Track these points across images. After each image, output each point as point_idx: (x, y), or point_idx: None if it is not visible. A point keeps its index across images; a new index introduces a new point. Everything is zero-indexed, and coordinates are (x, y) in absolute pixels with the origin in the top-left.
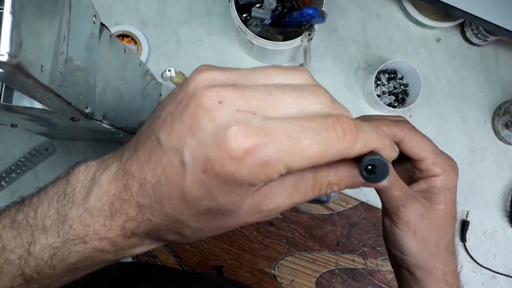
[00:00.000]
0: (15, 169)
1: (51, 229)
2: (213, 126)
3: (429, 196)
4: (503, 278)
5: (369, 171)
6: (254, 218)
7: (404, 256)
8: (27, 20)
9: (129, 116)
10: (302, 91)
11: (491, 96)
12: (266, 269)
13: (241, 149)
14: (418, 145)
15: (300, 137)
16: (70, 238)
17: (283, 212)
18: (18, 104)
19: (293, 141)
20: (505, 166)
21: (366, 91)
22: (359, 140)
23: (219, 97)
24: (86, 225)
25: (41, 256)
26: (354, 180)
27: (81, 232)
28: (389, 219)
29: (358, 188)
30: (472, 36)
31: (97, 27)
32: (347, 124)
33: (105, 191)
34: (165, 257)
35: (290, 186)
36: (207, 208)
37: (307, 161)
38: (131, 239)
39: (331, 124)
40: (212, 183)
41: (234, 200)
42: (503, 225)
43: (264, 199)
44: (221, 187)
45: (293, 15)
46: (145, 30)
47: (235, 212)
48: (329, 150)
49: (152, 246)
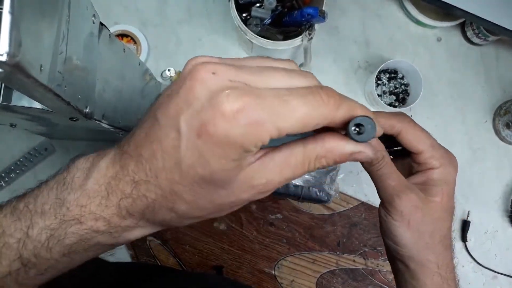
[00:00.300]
0: (14, 169)
1: (49, 213)
2: (207, 93)
3: (426, 188)
4: (504, 278)
5: (356, 133)
6: (247, 194)
7: (398, 247)
8: (26, 19)
9: (128, 116)
10: (291, 72)
11: (492, 96)
12: (266, 269)
13: (233, 108)
14: (416, 138)
15: (288, 99)
16: (66, 219)
17: (283, 212)
18: (17, 104)
19: (281, 102)
20: (506, 166)
21: (366, 90)
22: (342, 105)
23: (213, 69)
24: (82, 206)
25: (39, 238)
26: (341, 151)
27: (77, 213)
28: (384, 209)
29: (345, 162)
30: (473, 36)
31: (96, 26)
32: (330, 91)
33: (103, 174)
34: (165, 257)
35: (281, 161)
36: (201, 177)
37: (296, 122)
38: (126, 220)
39: (315, 90)
40: (205, 147)
41: (227, 166)
42: (504, 225)
43: (256, 173)
44: (215, 150)
45: (293, 15)
46: (145, 30)
47: (228, 185)
48: (315, 112)
49: (147, 230)
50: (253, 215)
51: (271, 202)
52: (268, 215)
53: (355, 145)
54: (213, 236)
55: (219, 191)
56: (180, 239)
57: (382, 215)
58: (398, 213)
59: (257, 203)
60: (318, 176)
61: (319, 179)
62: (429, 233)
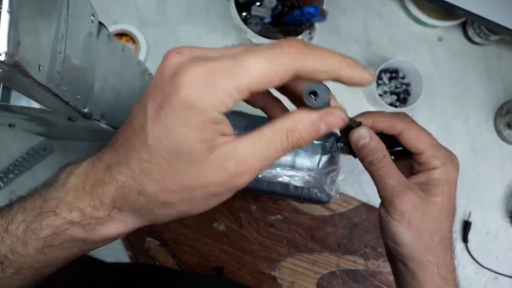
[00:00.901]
0: (12, 169)
1: (29, 208)
2: (171, 71)
3: (426, 188)
4: (505, 279)
5: (314, 100)
6: (218, 176)
7: (397, 247)
8: (25, 19)
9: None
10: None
11: (493, 96)
12: (266, 270)
13: (190, 75)
14: (417, 138)
15: (243, 57)
16: (42, 211)
17: (283, 213)
18: (16, 103)
19: (236, 61)
20: (507, 167)
21: (367, 90)
22: (309, 54)
23: (178, 50)
24: (59, 198)
25: (16, 232)
26: (308, 119)
27: (53, 205)
28: (384, 209)
29: (321, 134)
30: (474, 35)
31: (95, 26)
32: (294, 42)
33: (83, 169)
34: (164, 258)
35: (252, 140)
36: (167, 150)
37: (255, 78)
38: (99, 210)
39: (276, 44)
40: (168, 117)
41: (191, 136)
42: (506, 226)
43: (227, 154)
44: (176, 119)
45: (294, 14)
46: (144, 29)
47: (197, 164)
48: (275, 64)
49: (121, 225)
50: (253, 216)
51: (271, 203)
52: (268, 216)
53: (321, 111)
54: (213, 237)
55: (188, 171)
56: (180, 239)
57: (382, 215)
58: (398, 213)
59: (257, 203)
60: (319, 177)
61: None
62: (429, 233)
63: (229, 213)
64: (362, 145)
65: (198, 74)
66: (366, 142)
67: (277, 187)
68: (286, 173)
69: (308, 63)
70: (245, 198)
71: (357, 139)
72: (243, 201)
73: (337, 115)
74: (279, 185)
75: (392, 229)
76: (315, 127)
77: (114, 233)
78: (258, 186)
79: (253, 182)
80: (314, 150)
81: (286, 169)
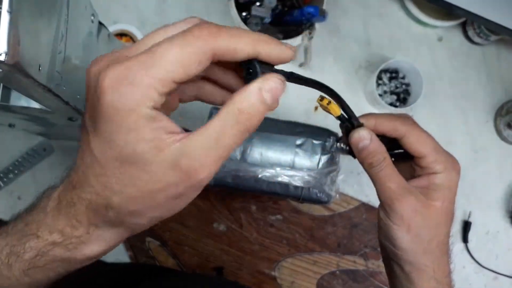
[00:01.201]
0: (12, 169)
1: (11, 232)
2: (92, 82)
3: (427, 192)
4: (505, 279)
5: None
6: (173, 176)
7: (396, 250)
8: (25, 19)
9: None
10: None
11: (493, 96)
12: (266, 270)
13: (109, 79)
14: (419, 141)
15: (155, 49)
16: (25, 234)
17: (283, 213)
18: (16, 103)
19: (149, 53)
20: (507, 167)
21: (367, 90)
22: (221, 34)
23: (95, 61)
24: (40, 222)
25: (0, 257)
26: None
27: (34, 228)
28: (384, 211)
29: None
30: (474, 36)
31: (95, 26)
32: (205, 24)
33: (57, 194)
34: (164, 258)
35: (201, 133)
36: (114, 158)
37: (171, 66)
38: (78, 229)
39: (187, 30)
40: (103, 127)
41: (129, 139)
42: (506, 226)
43: (177, 153)
44: (109, 125)
45: (294, 14)
46: (144, 29)
47: (147, 166)
48: (189, 49)
49: (102, 243)
50: (253, 216)
51: (271, 203)
52: (268, 216)
53: (257, 80)
54: (213, 237)
55: (140, 175)
56: (180, 240)
57: (382, 218)
58: (398, 217)
59: (257, 203)
60: (319, 177)
61: (320, 180)
62: (428, 238)
63: (229, 213)
64: (362, 147)
65: (115, 76)
66: (366, 144)
67: (277, 187)
68: (286, 173)
69: (222, 43)
70: (245, 198)
71: (357, 141)
72: (243, 201)
73: (274, 78)
74: (279, 185)
75: (391, 232)
76: (259, 98)
77: (96, 250)
78: (258, 186)
79: (253, 182)
80: (314, 150)
81: (286, 169)
